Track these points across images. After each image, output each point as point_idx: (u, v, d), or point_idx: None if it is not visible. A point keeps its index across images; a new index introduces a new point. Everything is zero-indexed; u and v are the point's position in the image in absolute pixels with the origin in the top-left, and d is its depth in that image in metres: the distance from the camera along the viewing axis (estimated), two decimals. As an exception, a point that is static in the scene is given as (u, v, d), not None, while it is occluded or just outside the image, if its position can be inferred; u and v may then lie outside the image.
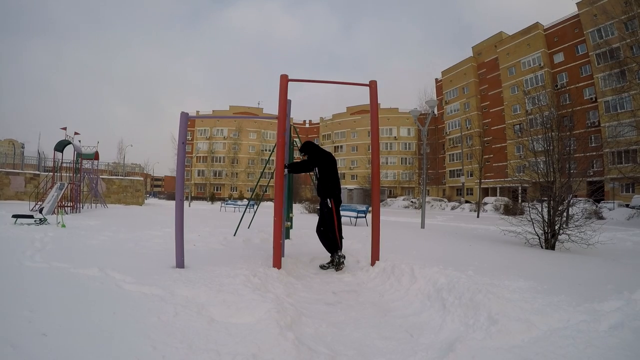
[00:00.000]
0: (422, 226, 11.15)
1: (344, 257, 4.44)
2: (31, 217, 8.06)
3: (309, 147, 4.64)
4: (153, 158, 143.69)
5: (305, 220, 11.46)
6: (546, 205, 6.59)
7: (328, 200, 4.39)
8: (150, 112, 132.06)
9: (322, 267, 4.51)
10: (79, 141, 17.59)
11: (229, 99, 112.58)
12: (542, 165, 7.03)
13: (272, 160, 5.80)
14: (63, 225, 7.43)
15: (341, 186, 4.69)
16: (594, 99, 34.19)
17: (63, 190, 13.54)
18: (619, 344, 1.90)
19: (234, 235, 6.75)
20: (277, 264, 3.97)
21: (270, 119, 8.53)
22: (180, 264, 3.71)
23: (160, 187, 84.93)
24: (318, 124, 66.21)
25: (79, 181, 15.99)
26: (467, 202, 34.22)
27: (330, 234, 4.40)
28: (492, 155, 41.01)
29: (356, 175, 52.87)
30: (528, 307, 2.46)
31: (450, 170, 51.16)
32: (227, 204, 25.99)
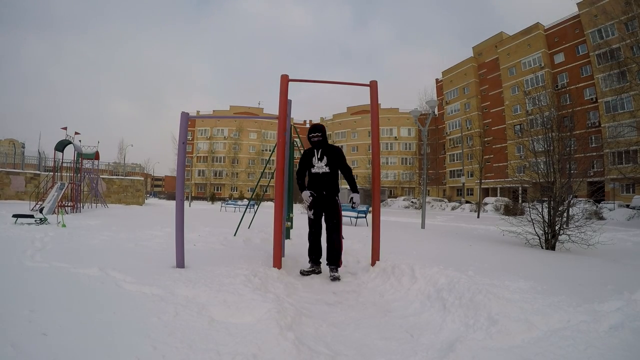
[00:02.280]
0: (423, 226, 11.15)
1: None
2: (31, 216, 8.07)
3: (324, 132, 4.22)
4: (153, 158, 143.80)
5: (305, 221, 11.45)
6: (546, 205, 6.60)
7: (337, 197, 4.15)
8: (152, 110, 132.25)
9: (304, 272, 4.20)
10: (80, 141, 17.62)
11: (231, 97, 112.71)
12: (542, 166, 7.03)
13: (273, 160, 5.81)
14: (63, 225, 7.43)
15: (340, 186, 4.59)
16: (594, 100, 34.19)
17: (63, 190, 13.55)
18: (619, 345, 1.90)
19: (234, 235, 6.75)
20: (277, 264, 3.97)
21: (270, 119, 8.53)
22: (180, 263, 3.71)
23: (160, 187, 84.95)
24: (318, 124, 66.18)
25: (80, 181, 16.00)
26: (467, 202, 34.22)
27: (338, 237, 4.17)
28: (492, 156, 41.03)
29: (356, 176, 52.60)
30: (528, 308, 2.46)
31: (450, 171, 51.16)
32: (227, 204, 25.99)
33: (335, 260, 4.09)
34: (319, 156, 4.08)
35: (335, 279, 3.98)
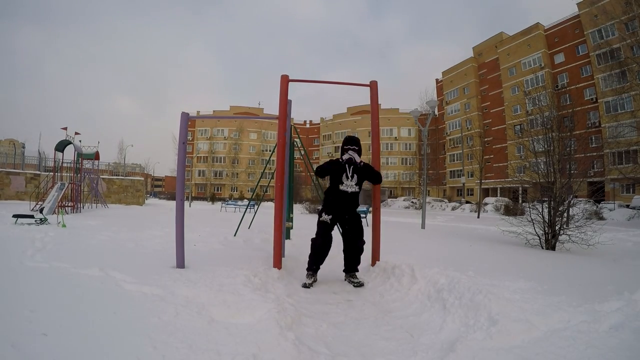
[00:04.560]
0: (423, 226, 11.15)
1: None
2: (32, 217, 8.07)
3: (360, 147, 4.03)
4: (153, 158, 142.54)
5: (305, 221, 11.46)
6: (546, 205, 6.59)
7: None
8: (152, 107, 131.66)
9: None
10: (80, 141, 17.64)
11: (233, 96, 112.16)
12: (542, 166, 7.03)
13: (273, 160, 5.80)
14: (63, 225, 7.43)
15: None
16: (594, 100, 34.17)
17: (63, 190, 13.55)
18: (619, 345, 1.90)
19: (235, 235, 6.75)
20: (277, 264, 3.97)
21: (270, 119, 8.55)
22: (180, 264, 3.71)
23: (160, 187, 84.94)
24: (318, 124, 66.24)
25: (80, 181, 16.00)
26: (467, 202, 34.21)
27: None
28: (492, 156, 41.03)
29: (356, 176, 52.69)
30: (528, 308, 2.46)
31: (450, 171, 51.14)
32: (227, 204, 26.00)
33: (355, 267, 4.02)
34: (350, 173, 3.84)
35: (359, 285, 3.83)
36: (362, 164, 3.93)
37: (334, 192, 3.87)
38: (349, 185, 3.84)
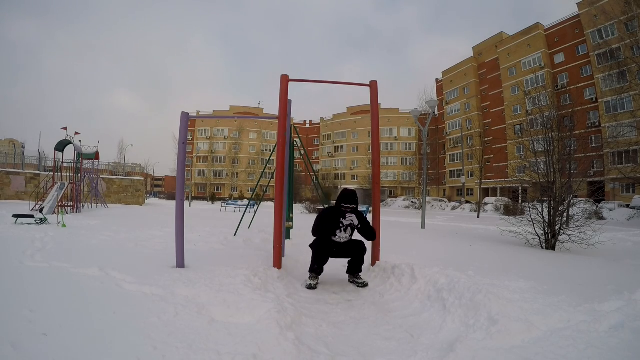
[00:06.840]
0: (423, 226, 11.15)
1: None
2: (32, 216, 8.07)
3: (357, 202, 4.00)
4: (153, 158, 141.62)
5: (305, 221, 11.45)
6: (546, 205, 6.59)
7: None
8: (153, 104, 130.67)
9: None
10: (80, 141, 17.64)
11: (233, 95, 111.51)
12: (542, 166, 7.03)
13: (273, 160, 5.81)
14: (63, 225, 7.43)
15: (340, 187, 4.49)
16: (594, 100, 34.16)
17: (63, 190, 13.55)
18: (619, 345, 1.90)
19: (235, 235, 6.75)
20: (277, 264, 3.97)
21: (270, 119, 8.56)
22: (180, 263, 3.71)
23: (160, 187, 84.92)
24: (318, 124, 66.22)
25: (80, 181, 16.00)
26: (467, 202, 34.22)
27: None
28: (492, 156, 41.03)
29: (357, 176, 52.83)
30: (528, 308, 2.46)
31: (450, 171, 51.13)
32: (227, 204, 26.01)
33: (360, 269, 4.01)
34: (344, 227, 3.86)
35: (364, 285, 3.84)
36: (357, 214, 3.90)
37: (326, 241, 3.87)
38: (342, 237, 3.89)
